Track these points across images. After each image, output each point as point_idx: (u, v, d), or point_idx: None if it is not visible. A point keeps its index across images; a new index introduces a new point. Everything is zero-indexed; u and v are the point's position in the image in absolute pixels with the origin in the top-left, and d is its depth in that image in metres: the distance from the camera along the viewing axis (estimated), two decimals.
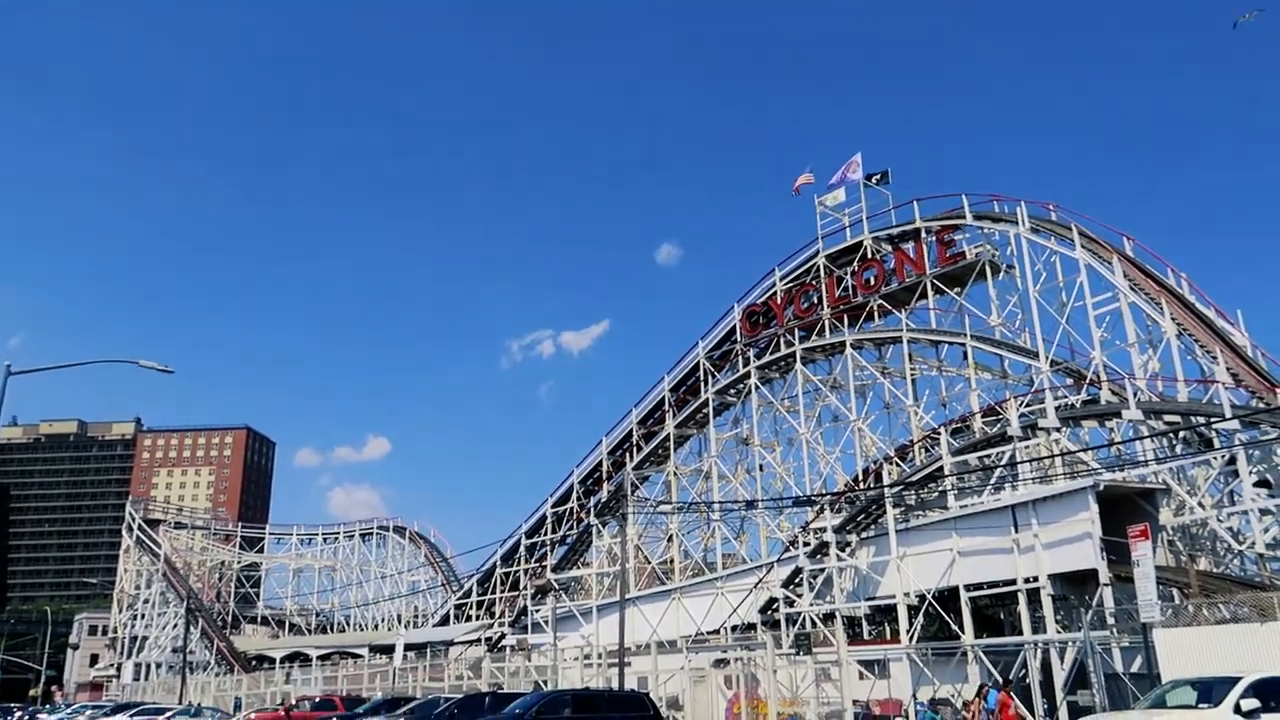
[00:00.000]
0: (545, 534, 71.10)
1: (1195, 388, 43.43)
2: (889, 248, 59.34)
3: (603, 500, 65.47)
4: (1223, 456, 40.91)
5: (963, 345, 53.00)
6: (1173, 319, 44.10)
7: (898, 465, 53.09)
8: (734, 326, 64.73)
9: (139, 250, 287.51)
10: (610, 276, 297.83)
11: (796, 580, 49.17)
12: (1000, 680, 36.12)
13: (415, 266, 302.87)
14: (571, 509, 69.72)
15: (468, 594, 79.94)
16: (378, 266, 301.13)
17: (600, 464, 68.71)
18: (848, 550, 47.82)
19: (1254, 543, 38.37)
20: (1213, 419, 39.77)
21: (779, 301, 62.60)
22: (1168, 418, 41.68)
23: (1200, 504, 41.24)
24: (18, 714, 57.22)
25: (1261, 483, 38.94)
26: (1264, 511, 38.34)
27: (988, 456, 47.01)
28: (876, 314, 58.30)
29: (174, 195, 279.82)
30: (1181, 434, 42.13)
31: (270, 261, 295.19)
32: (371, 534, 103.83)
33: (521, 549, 73.16)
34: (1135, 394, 43.04)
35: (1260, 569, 37.86)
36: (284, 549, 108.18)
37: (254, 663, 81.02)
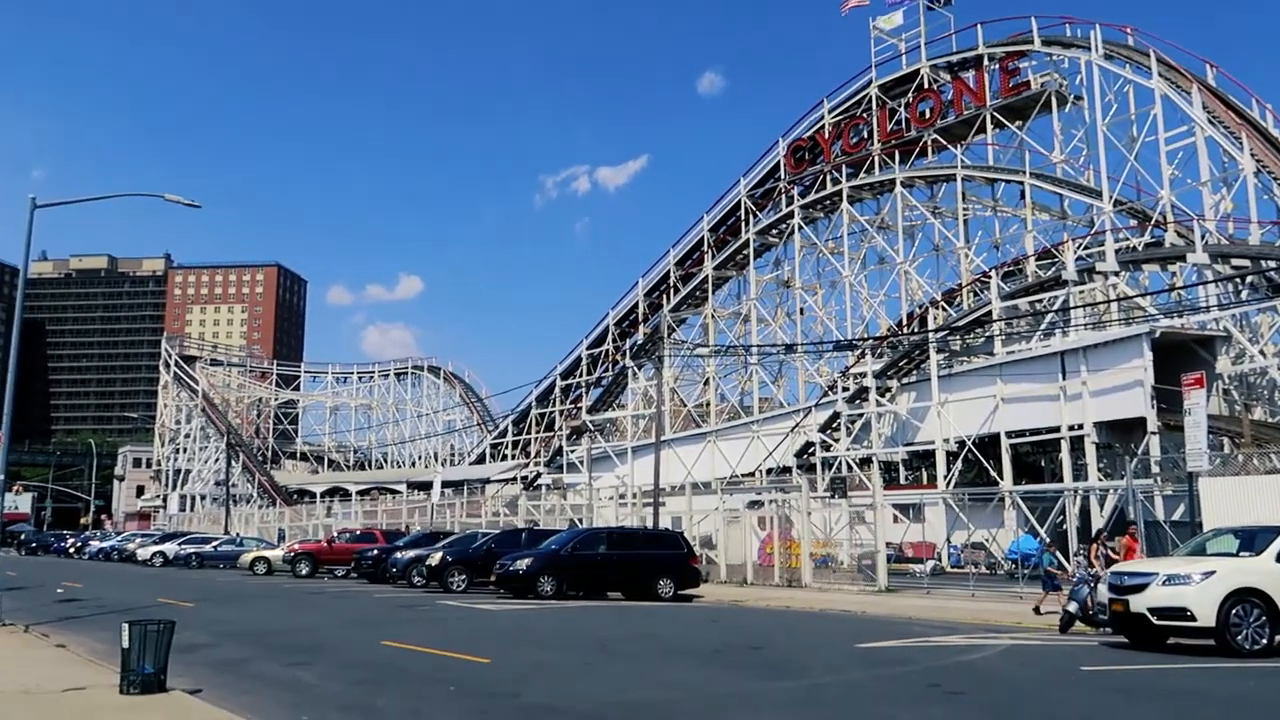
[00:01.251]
0: (580, 375, 72.44)
1: (1269, 230, 42.20)
2: (948, 77, 56.91)
3: (639, 343, 66.22)
4: None
5: (1021, 184, 51.52)
6: (1252, 155, 42.30)
7: (944, 310, 52.91)
8: (778, 163, 63.32)
9: (162, 81, 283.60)
10: (649, 108, 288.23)
11: (834, 425, 50.09)
12: (1037, 526, 37.08)
13: (446, 97, 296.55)
14: (607, 351, 70.69)
15: (503, 434, 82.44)
16: (408, 97, 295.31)
17: (636, 306, 69.14)
18: (887, 396, 48.36)
19: None
20: None
21: (827, 136, 60.89)
22: (1236, 261, 40.66)
23: (1262, 352, 40.84)
24: (71, 539, 61.06)
25: None
26: None
27: (1040, 301, 46.60)
28: (930, 150, 56.59)
29: (197, 22, 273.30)
30: (1249, 279, 41.20)
31: (297, 94, 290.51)
32: (406, 373, 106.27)
33: (557, 390, 74.75)
34: (1204, 236, 41.86)
35: None
36: (320, 387, 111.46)
37: (295, 496, 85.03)
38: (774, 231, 62.44)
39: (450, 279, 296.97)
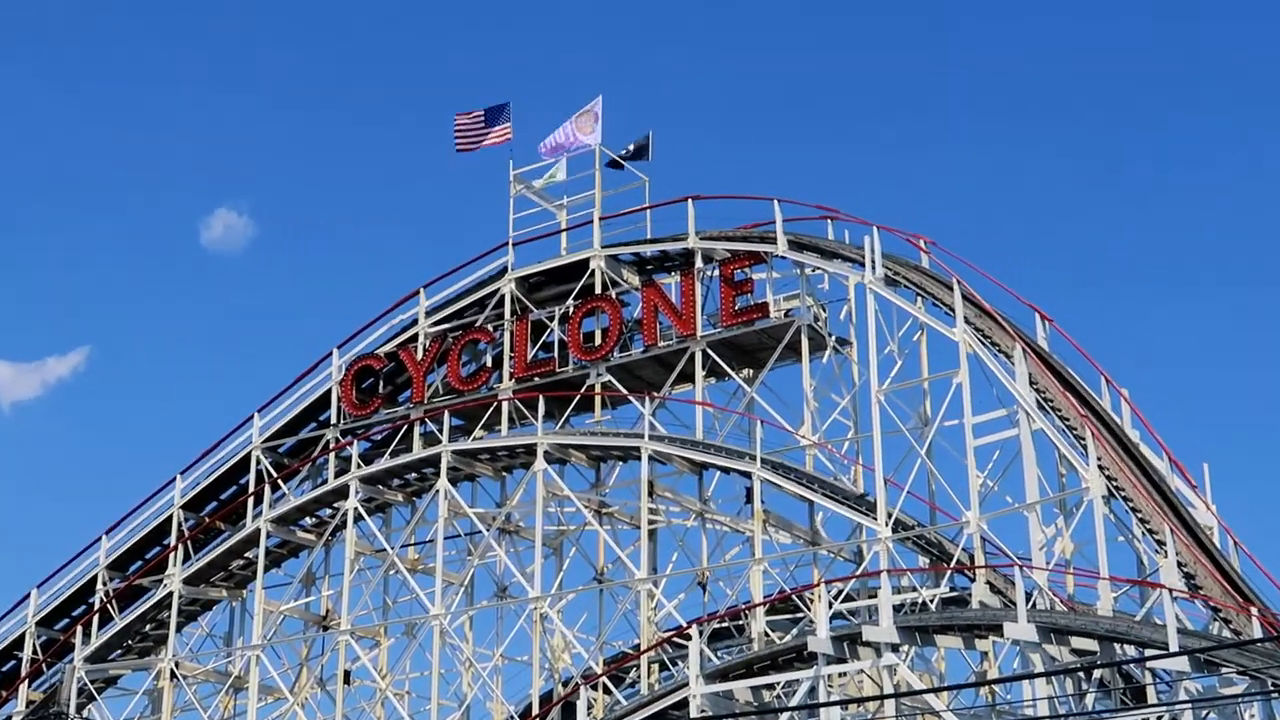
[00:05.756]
0: None
1: (1126, 592, 45.25)
2: (635, 280, 59.12)
3: (18, 716, 61.65)
4: (1159, 719, 42.65)
5: (747, 477, 53.02)
6: (1101, 468, 45.61)
7: (609, 695, 52.91)
8: (328, 392, 62.62)
9: None
10: (102, 264, 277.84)
11: None
12: None
13: None
14: None
15: None
16: None
17: (21, 642, 64.61)
18: None
19: None
20: (1150, 652, 41.26)
21: (421, 356, 60.85)
22: (1078, 642, 42.98)
23: None
24: None
25: None
26: None
27: (772, 687, 47.07)
28: (602, 401, 57.73)
29: None
30: (1098, 673, 43.60)
31: None
32: None
33: None
34: (1030, 595, 44.13)
35: None
36: None
37: None
38: (310, 520, 61.12)
39: None
